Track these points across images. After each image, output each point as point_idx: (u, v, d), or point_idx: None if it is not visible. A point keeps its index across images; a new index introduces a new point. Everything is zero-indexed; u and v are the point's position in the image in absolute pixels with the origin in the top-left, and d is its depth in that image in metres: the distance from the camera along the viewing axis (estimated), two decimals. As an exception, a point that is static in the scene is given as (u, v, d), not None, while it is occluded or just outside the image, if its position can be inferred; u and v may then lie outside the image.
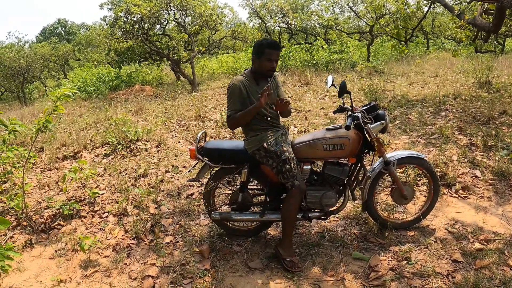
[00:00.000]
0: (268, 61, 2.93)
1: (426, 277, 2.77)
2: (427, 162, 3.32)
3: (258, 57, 2.95)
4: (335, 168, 3.13)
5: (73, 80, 17.04)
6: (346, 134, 3.03)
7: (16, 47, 25.96)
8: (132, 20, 13.29)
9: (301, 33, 23.20)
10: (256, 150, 3.04)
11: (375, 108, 3.16)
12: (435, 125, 6.05)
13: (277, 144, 3.01)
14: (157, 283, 2.95)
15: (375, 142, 3.11)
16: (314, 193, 3.12)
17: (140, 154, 5.95)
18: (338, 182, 3.18)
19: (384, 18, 14.20)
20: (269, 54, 2.91)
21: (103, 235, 3.74)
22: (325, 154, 3.07)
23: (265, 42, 2.94)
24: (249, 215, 3.30)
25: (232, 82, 3.00)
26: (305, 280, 2.86)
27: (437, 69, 12.08)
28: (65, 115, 10.01)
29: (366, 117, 3.07)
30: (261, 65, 2.96)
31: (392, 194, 3.35)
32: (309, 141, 3.09)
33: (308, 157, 3.13)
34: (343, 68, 13.97)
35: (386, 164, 3.18)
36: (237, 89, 2.94)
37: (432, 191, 3.38)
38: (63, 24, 51.28)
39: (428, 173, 3.33)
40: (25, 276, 3.23)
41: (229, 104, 2.98)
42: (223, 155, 3.20)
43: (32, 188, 4.96)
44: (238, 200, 3.28)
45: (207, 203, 3.44)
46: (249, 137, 3.11)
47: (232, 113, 2.95)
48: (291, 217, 3.02)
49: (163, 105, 10.49)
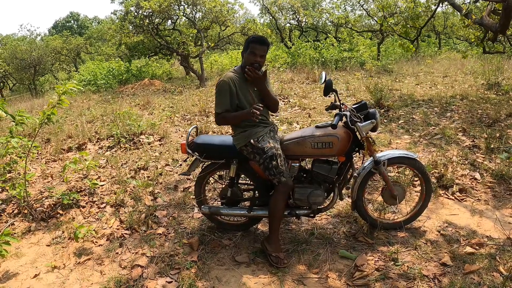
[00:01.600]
0: (252, 55, 2.95)
1: (411, 279, 2.75)
2: (419, 163, 3.29)
3: (245, 51, 2.99)
4: (324, 166, 3.12)
5: (83, 73, 17.23)
6: (334, 132, 3.00)
7: (28, 40, 26.26)
8: (143, 15, 13.36)
9: (312, 31, 23.08)
10: (244, 146, 3.06)
11: (366, 107, 3.14)
12: (439, 126, 6.00)
13: (264, 140, 3.02)
14: (145, 272, 3.02)
15: (364, 141, 3.09)
16: (302, 190, 3.12)
17: (142, 147, 6.02)
18: (327, 181, 3.16)
19: (393, 17, 14.06)
20: (253, 48, 2.94)
21: (99, 225, 3.81)
22: (313, 152, 3.07)
23: (251, 37, 2.99)
24: (238, 210, 3.33)
25: (221, 79, 3.02)
26: (289, 276, 2.88)
27: (447, 70, 11.95)
28: (74, 108, 10.16)
29: (355, 116, 3.05)
30: (246, 59, 3.00)
31: (383, 194, 3.33)
32: (298, 138, 3.09)
33: (296, 155, 3.13)
34: (352, 67, 13.89)
35: (376, 163, 3.16)
36: (226, 85, 2.97)
37: (424, 192, 3.34)
38: (76, 17, 51.80)
39: (419, 173, 3.30)
40: (22, 261, 3.32)
41: (217, 101, 3.01)
42: (213, 150, 3.22)
43: (35, 178, 5.06)
44: (227, 195, 3.31)
45: (197, 197, 3.48)
46: (237, 133, 3.13)
47: (221, 111, 2.99)
48: (277, 214, 3.04)
49: (170, 100, 10.56)
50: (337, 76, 12.10)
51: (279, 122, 6.88)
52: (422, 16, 9.92)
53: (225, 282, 2.87)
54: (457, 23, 17.83)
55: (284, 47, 19.26)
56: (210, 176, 3.48)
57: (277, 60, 15.51)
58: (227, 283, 2.86)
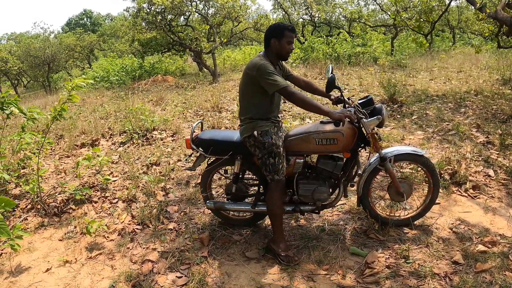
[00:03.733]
0: (289, 43, 2.91)
1: (422, 277, 2.72)
2: (427, 159, 3.22)
3: (279, 39, 2.90)
4: (329, 162, 3.09)
5: (97, 70, 17.39)
6: (339, 128, 2.94)
7: (41, 37, 26.60)
8: (155, 11, 13.42)
9: (325, 26, 22.94)
10: (247, 138, 3.01)
11: (371, 102, 3.08)
12: (453, 122, 5.91)
13: (267, 135, 2.96)
14: (156, 267, 3.04)
15: (370, 137, 3.03)
16: (307, 187, 3.09)
17: (155, 143, 6.06)
18: (332, 177, 3.14)
19: (406, 12, 13.89)
20: (290, 37, 2.89)
21: (111, 220, 3.85)
22: (317, 148, 3.02)
23: (285, 25, 2.91)
24: (242, 206, 3.33)
25: (260, 62, 2.85)
26: (299, 273, 2.87)
27: (462, 65, 11.77)
28: (87, 104, 10.28)
29: (360, 112, 2.98)
30: (282, 48, 2.92)
31: (389, 191, 3.29)
32: (302, 134, 3.05)
33: (301, 151, 3.09)
34: (366, 62, 13.77)
35: (382, 160, 3.11)
36: (270, 65, 2.85)
37: (432, 189, 3.28)
38: (89, 15, 52.25)
39: (427, 170, 3.24)
40: (34, 256, 3.37)
41: (273, 78, 2.78)
42: (217, 146, 3.20)
43: (49, 174, 5.13)
44: (232, 191, 3.32)
45: (203, 192, 3.49)
46: (244, 122, 3.06)
47: (287, 85, 2.81)
48: (275, 211, 3.02)
49: (183, 95, 10.60)
50: (350, 72, 12.01)
51: (292, 118, 6.86)
52: (435, 10, 9.80)
53: (235, 277, 2.88)
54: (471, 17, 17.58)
55: (297, 42, 19.18)
56: (216, 172, 3.49)
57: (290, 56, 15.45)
58: (237, 278, 2.87)
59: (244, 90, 3.02)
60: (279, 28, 2.90)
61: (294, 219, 3.62)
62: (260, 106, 2.98)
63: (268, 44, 2.97)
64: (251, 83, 2.91)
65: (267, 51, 3.01)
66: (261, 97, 2.94)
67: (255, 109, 2.99)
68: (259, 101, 2.96)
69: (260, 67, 2.81)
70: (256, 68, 2.83)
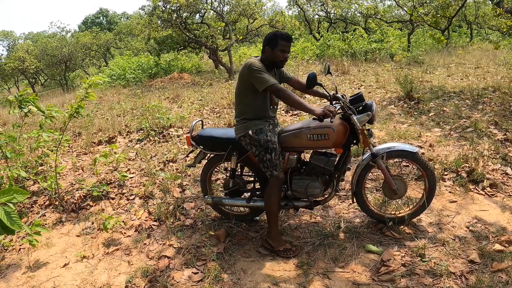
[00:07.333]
0: (282, 52, 2.96)
1: (438, 276, 2.70)
2: (420, 156, 3.18)
3: (272, 48, 2.97)
4: (321, 158, 3.12)
5: (113, 68, 17.60)
6: (330, 124, 2.96)
7: (58, 36, 27.01)
8: (170, 9, 13.51)
9: (341, 22, 22.77)
10: (243, 137, 3.10)
11: (362, 99, 3.08)
12: (470, 119, 5.83)
13: (262, 133, 3.03)
14: (172, 263, 3.08)
15: (360, 133, 3.04)
16: (300, 182, 3.15)
17: (172, 140, 6.12)
18: (325, 172, 3.16)
19: (423, 7, 13.70)
20: (283, 45, 2.95)
21: (128, 216, 3.92)
22: (309, 143, 3.07)
23: (279, 34, 2.98)
24: (239, 201, 3.41)
25: (250, 61, 2.94)
26: (314, 270, 2.88)
27: (479, 61, 11.57)
28: (104, 102, 10.42)
29: (348, 108, 3.00)
30: (275, 56, 2.98)
31: (383, 188, 3.28)
32: (295, 130, 3.10)
33: (294, 147, 3.14)
34: (382, 58, 13.64)
35: (374, 156, 3.11)
36: (261, 65, 2.93)
37: (427, 186, 3.24)
38: (105, 13, 52.78)
39: (421, 167, 3.20)
40: (52, 251, 3.45)
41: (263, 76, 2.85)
42: (214, 143, 3.33)
43: (66, 171, 5.23)
44: (229, 186, 3.40)
45: (203, 187, 3.59)
46: (238, 122, 3.13)
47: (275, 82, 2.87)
48: (272, 207, 3.08)
49: (199, 93, 10.67)
50: (367, 68, 11.92)
51: (306, 115, 6.84)
52: (452, 5, 9.64)
53: (251, 274, 2.91)
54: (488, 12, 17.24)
55: (313, 39, 19.09)
56: (215, 168, 3.59)
57: (306, 52, 15.42)
58: (253, 275, 2.89)
59: (238, 91, 3.11)
60: (273, 37, 2.98)
61: (309, 216, 3.63)
62: (254, 105, 3.05)
63: (263, 51, 3.05)
64: (244, 83, 3.01)
65: (262, 57, 3.08)
66: (254, 96, 3.01)
67: (249, 110, 3.06)
68: (252, 100, 3.03)
69: (250, 66, 2.89)
70: (247, 68, 2.91)
